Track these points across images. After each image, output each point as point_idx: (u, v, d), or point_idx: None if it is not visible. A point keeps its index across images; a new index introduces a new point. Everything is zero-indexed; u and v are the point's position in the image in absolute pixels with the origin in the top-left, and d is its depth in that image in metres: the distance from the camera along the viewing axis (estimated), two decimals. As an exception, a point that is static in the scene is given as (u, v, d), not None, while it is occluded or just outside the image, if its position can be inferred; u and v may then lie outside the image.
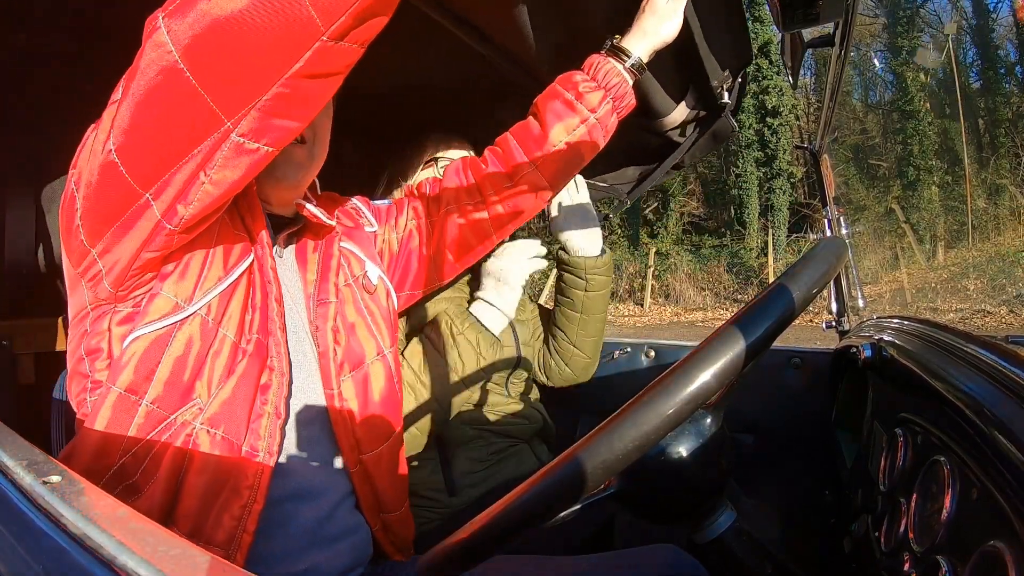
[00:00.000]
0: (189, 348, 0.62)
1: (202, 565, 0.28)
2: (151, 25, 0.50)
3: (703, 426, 0.62)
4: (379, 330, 0.81)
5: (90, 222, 0.58)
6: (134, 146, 0.53)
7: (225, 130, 0.52)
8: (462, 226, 0.91)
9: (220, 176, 0.54)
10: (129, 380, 0.60)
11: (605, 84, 0.84)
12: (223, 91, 0.50)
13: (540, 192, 0.89)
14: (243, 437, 0.63)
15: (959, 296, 8.96)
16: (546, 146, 0.85)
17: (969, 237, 10.64)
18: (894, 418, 0.74)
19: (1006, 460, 0.44)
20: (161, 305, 0.61)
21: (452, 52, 0.93)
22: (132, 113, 0.52)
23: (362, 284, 0.82)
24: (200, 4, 0.48)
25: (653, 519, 0.67)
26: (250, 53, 0.49)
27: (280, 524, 0.67)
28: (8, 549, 0.31)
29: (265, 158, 0.55)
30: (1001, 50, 12.51)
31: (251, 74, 0.50)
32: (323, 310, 0.76)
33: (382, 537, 0.79)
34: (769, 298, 0.45)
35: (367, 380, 0.77)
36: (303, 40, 0.48)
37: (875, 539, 0.68)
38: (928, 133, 11.81)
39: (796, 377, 1.37)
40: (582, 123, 0.84)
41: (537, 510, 0.41)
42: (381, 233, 0.92)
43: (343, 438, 0.73)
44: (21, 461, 0.36)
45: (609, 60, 0.84)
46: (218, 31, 0.48)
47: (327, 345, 0.74)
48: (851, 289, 1.31)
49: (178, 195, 0.55)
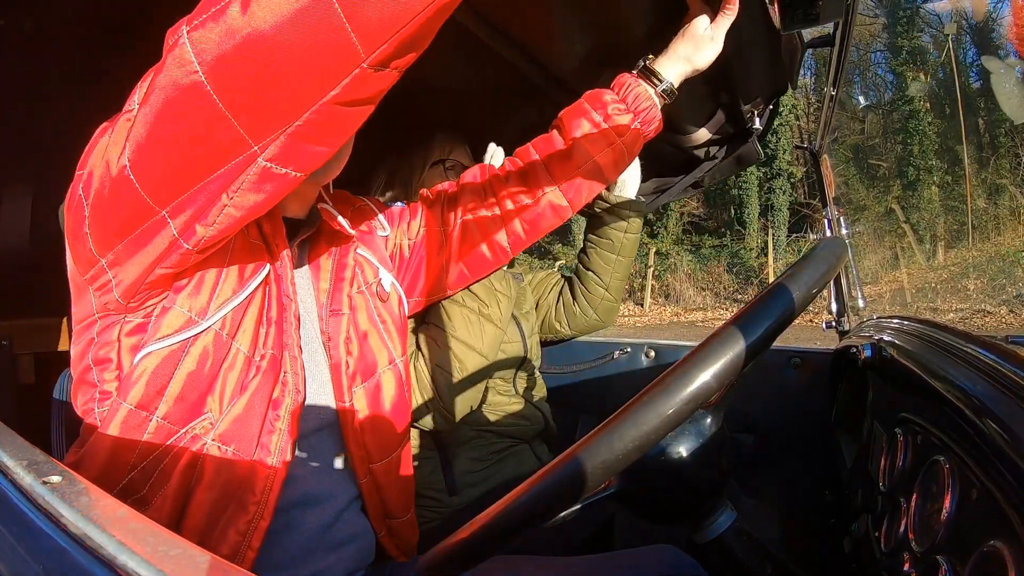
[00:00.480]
0: (202, 363, 0.60)
1: (202, 565, 0.28)
2: (173, 39, 0.47)
3: (703, 426, 0.62)
4: (391, 338, 0.79)
5: (99, 232, 0.55)
6: (151, 164, 0.50)
7: (251, 154, 0.49)
8: (477, 238, 0.89)
9: (243, 199, 0.52)
10: (140, 396, 0.58)
11: (635, 108, 0.81)
12: (251, 115, 0.47)
13: (559, 210, 0.87)
14: (253, 452, 0.62)
15: (959, 296, 8.97)
16: (569, 165, 0.84)
17: (969, 237, 10.64)
18: (894, 418, 0.74)
19: (1006, 460, 0.44)
20: (174, 320, 0.59)
21: (471, 55, 0.91)
22: (149, 130, 0.49)
23: (375, 292, 0.80)
24: (230, 19, 0.44)
25: (653, 519, 0.67)
26: (283, 77, 0.45)
27: (285, 530, 0.66)
28: (8, 549, 0.31)
29: (292, 183, 0.53)
30: (1001, 50, 12.50)
31: (283, 99, 0.46)
32: (336, 321, 0.73)
33: (387, 542, 0.79)
34: (769, 298, 0.45)
35: (379, 389, 0.76)
36: (342, 66, 0.45)
37: (875, 539, 0.68)
38: (928, 133, 11.81)
39: (796, 377, 1.37)
40: (608, 146, 0.82)
41: (537, 510, 0.41)
42: (393, 237, 0.89)
43: (354, 448, 0.73)
44: (21, 461, 0.36)
45: (641, 82, 0.82)
46: (250, 51, 0.44)
47: (340, 357, 0.72)
48: (851, 289, 1.31)
49: (197, 215, 0.52)
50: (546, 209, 0.87)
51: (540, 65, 0.95)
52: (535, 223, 0.88)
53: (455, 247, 0.89)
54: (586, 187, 0.86)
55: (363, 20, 0.43)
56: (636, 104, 0.82)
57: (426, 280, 0.90)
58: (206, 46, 0.45)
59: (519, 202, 0.87)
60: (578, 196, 0.87)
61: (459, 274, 0.91)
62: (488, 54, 0.90)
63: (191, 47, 0.45)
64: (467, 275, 0.92)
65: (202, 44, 0.45)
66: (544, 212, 0.87)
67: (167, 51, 0.48)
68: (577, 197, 0.87)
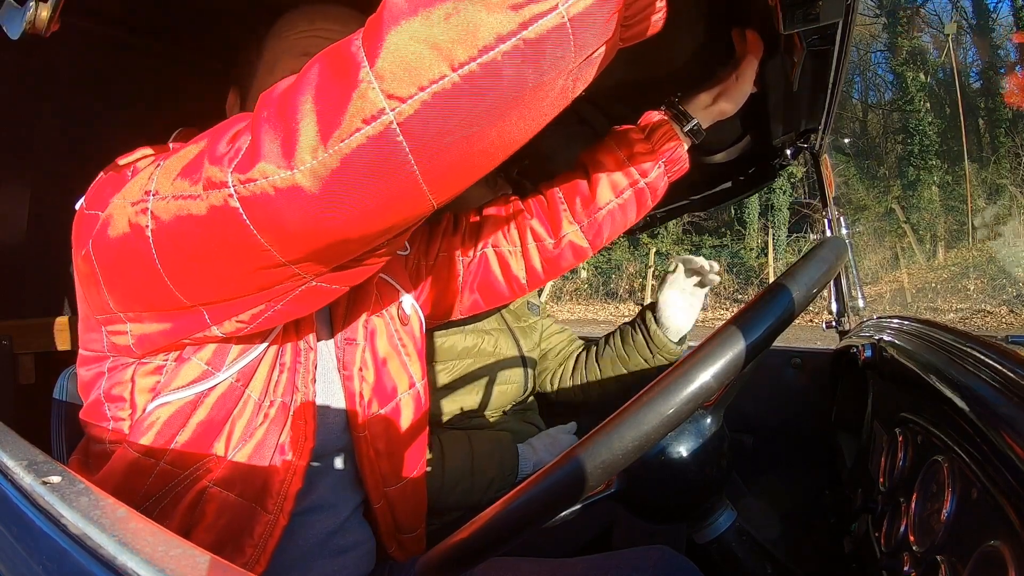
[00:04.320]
0: (214, 412, 0.59)
1: (202, 565, 0.27)
2: (214, 177, 0.42)
3: (703, 426, 0.62)
4: (411, 362, 0.78)
5: (118, 293, 0.52)
6: (184, 268, 0.47)
7: (302, 279, 0.47)
8: (496, 270, 0.87)
9: (288, 308, 0.50)
10: (149, 444, 0.57)
11: (660, 148, 0.79)
12: (308, 260, 0.44)
13: (579, 251, 0.86)
14: (255, 496, 0.60)
15: (959, 296, 8.96)
16: (592, 207, 0.82)
17: (969, 237, 10.64)
18: (894, 418, 0.74)
19: (1006, 460, 0.44)
20: (190, 371, 0.58)
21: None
22: (180, 233, 0.44)
23: (396, 315, 0.78)
24: (280, 176, 0.39)
25: (653, 519, 0.67)
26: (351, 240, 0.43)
27: (289, 536, 0.66)
28: (8, 549, 0.31)
29: (339, 293, 0.52)
30: (1001, 50, 12.49)
31: (345, 252, 0.45)
32: (352, 351, 0.71)
33: (397, 554, 0.78)
34: (769, 298, 0.45)
35: (398, 415, 0.74)
36: (415, 211, 0.43)
37: (875, 539, 0.68)
38: (928, 133, 11.80)
39: (796, 377, 1.37)
40: (631, 186, 0.80)
41: (537, 511, 0.41)
42: (412, 256, 0.88)
43: (368, 475, 0.72)
44: (21, 461, 0.36)
45: (668, 121, 0.80)
46: (316, 218, 0.40)
47: (355, 387, 0.71)
48: (851, 289, 1.31)
49: (234, 312, 0.50)
50: (566, 250, 0.85)
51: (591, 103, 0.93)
52: (554, 262, 0.86)
53: (472, 276, 0.88)
54: (608, 228, 0.84)
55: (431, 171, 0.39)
56: (661, 144, 0.80)
57: (437, 304, 0.89)
58: (258, 198, 0.40)
59: (540, 240, 0.85)
60: (599, 237, 0.85)
61: (472, 303, 0.90)
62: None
63: (236, 196, 0.41)
64: (480, 304, 0.91)
65: (250, 194, 0.41)
66: (564, 253, 0.85)
67: (207, 186, 0.42)
68: (598, 238, 0.85)
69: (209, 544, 0.58)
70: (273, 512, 0.61)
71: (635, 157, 0.80)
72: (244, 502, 0.60)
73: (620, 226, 0.85)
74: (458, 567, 0.44)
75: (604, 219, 0.82)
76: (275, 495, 0.61)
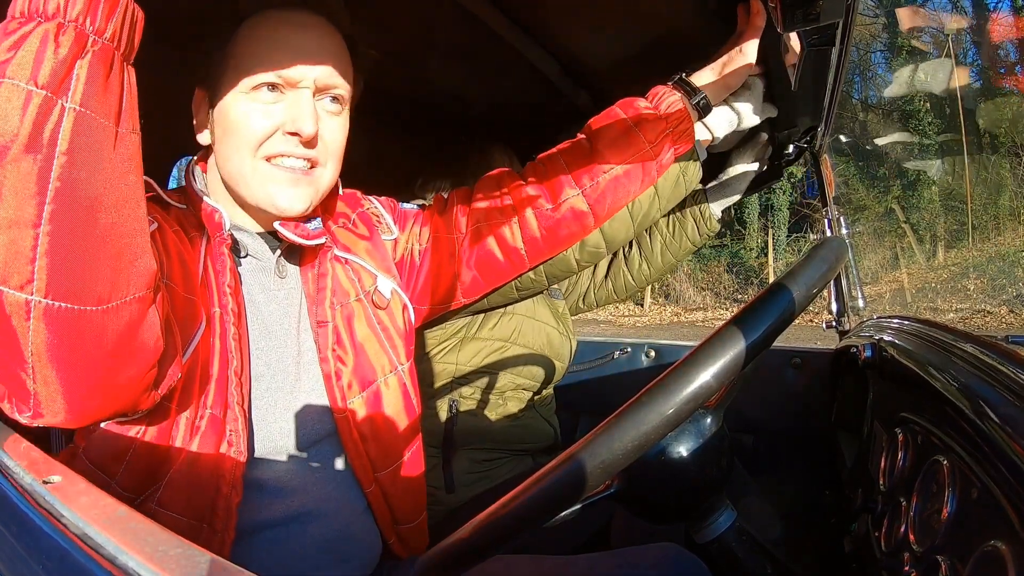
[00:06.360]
0: (146, 434, 0.58)
1: (202, 565, 0.27)
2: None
3: (703, 426, 0.62)
4: (393, 345, 0.77)
5: None
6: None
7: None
8: (493, 246, 0.84)
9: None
10: (100, 459, 0.58)
11: (667, 116, 0.78)
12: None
13: (581, 216, 0.82)
14: (199, 515, 0.60)
15: (959, 296, 8.96)
16: (595, 172, 0.80)
17: (969, 237, 10.64)
18: (894, 418, 0.74)
19: (1006, 460, 0.44)
20: None
21: (531, 79, 0.94)
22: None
23: (372, 300, 0.77)
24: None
25: (653, 519, 0.67)
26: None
27: (284, 543, 0.66)
28: (8, 549, 0.31)
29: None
30: (1001, 50, 12.49)
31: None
32: (323, 331, 0.72)
33: (398, 548, 0.78)
34: (769, 298, 0.45)
35: (379, 398, 0.74)
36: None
37: (875, 539, 0.68)
38: (928, 133, 11.80)
39: (796, 377, 1.37)
40: (636, 152, 0.79)
41: (537, 510, 0.41)
42: (402, 241, 0.86)
43: (355, 458, 0.72)
44: (21, 461, 0.36)
45: (675, 92, 0.79)
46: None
47: (330, 368, 0.71)
48: (851, 289, 1.31)
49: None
50: (567, 214, 0.82)
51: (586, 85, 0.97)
52: (554, 229, 0.83)
53: (467, 253, 0.85)
54: (610, 196, 0.81)
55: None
56: (668, 111, 0.79)
57: (437, 288, 0.86)
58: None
59: (539, 207, 0.82)
60: (600, 204, 0.82)
61: (472, 281, 0.86)
62: (543, 79, 0.93)
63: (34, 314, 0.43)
64: (481, 283, 0.87)
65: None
66: (565, 217, 0.82)
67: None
68: (599, 204, 0.82)
69: None
70: (220, 530, 0.60)
71: (642, 123, 0.78)
72: (188, 520, 0.59)
73: (623, 196, 0.82)
74: (458, 567, 0.44)
75: (607, 185, 0.80)
76: (219, 512, 0.60)
